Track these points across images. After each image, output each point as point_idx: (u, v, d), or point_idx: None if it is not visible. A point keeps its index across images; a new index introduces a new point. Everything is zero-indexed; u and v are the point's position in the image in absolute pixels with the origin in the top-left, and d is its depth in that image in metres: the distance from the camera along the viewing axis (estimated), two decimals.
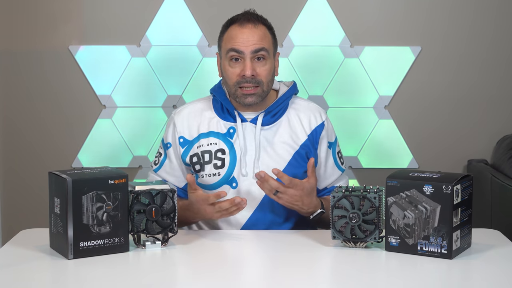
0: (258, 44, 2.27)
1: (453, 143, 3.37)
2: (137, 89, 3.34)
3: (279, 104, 2.35)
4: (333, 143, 2.41)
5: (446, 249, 1.90)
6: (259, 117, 2.33)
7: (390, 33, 3.32)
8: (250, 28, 2.28)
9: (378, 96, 3.33)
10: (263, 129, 2.34)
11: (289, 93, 2.38)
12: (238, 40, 2.27)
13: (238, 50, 2.26)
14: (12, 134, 3.37)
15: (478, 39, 3.32)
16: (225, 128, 2.34)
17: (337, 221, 1.99)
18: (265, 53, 2.28)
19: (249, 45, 2.26)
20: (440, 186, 1.90)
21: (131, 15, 3.31)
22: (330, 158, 2.40)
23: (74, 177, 1.90)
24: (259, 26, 2.30)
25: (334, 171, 2.41)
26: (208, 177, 2.33)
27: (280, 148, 2.33)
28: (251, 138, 2.32)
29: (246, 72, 2.25)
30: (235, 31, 2.29)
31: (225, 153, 2.32)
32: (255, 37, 2.27)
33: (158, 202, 1.98)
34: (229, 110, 2.34)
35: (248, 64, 2.26)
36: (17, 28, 3.31)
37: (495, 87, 3.34)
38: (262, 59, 2.28)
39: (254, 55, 2.27)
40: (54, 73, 3.33)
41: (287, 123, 2.35)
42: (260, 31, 2.29)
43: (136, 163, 3.36)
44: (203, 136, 2.35)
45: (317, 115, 2.38)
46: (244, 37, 2.27)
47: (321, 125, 2.37)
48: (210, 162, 2.32)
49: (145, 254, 1.97)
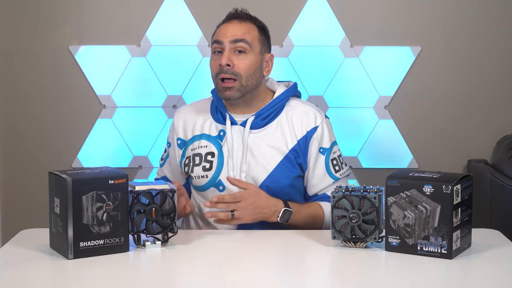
0: (239, 36, 2.28)
1: (453, 143, 3.37)
2: (137, 89, 3.34)
3: (270, 107, 2.33)
4: (327, 149, 2.34)
5: (446, 249, 1.90)
6: (248, 120, 2.32)
7: (390, 33, 3.32)
8: (235, 23, 2.31)
9: (378, 96, 3.33)
10: (252, 133, 2.32)
11: (283, 95, 2.35)
12: (220, 32, 2.31)
13: (218, 41, 2.29)
14: (12, 134, 3.37)
15: (478, 39, 3.32)
16: (216, 130, 2.35)
17: (337, 221, 1.99)
18: (245, 46, 2.28)
19: (228, 36, 2.28)
20: (440, 186, 1.90)
21: (131, 15, 3.31)
22: (320, 164, 2.33)
23: (74, 177, 1.90)
24: (245, 22, 2.32)
25: (324, 178, 2.34)
26: (197, 179, 2.36)
27: (267, 152, 2.31)
28: (239, 141, 2.32)
29: (221, 61, 2.27)
30: (221, 27, 2.33)
31: (214, 156, 2.33)
32: (237, 30, 2.29)
33: (158, 202, 1.98)
34: (222, 112, 2.35)
35: (225, 54, 2.27)
36: (16, 28, 3.31)
37: (495, 87, 3.34)
38: (243, 52, 2.28)
39: (234, 46, 2.28)
40: (54, 73, 3.33)
41: (279, 126, 2.32)
42: (244, 27, 2.30)
43: (136, 163, 3.36)
44: (196, 138, 2.37)
45: (311, 119, 2.33)
46: (228, 29, 2.30)
47: (313, 129, 2.32)
48: (199, 164, 2.35)
49: (145, 254, 1.97)
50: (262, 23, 2.37)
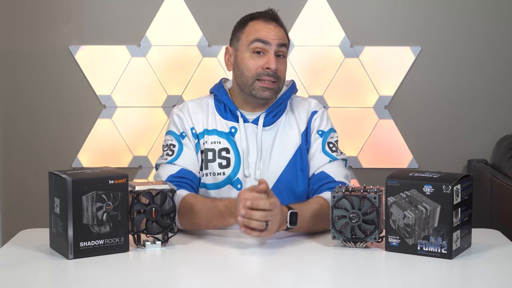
0: (282, 40, 2.30)
1: (453, 143, 3.37)
2: (137, 89, 3.34)
3: (279, 104, 2.35)
4: (325, 132, 2.35)
5: (446, 249, 1.90)
6: (260, 118, 2.32)
7: (390, 33, 3.32)
8: (275, 25, 2.31)
9: (378, 96, 3.33)
10: (264, 130, 2.33)
11: (289, 92, 2.38)
12: (264, 32, 2.29)
13: (265, 41, 2.27)
14: (12, 134, 3.37)
15: (478, 39, 3.32)
16: (227, 127, 2.33)
17: (337, 221, 1.99)
18: (285, 51, 2.32)
19: (275, 38, 2.28)
20: (440, 186, 1.90)
21: (131, 15, 3.31)
22: (316, 144, 2.33)
23: (74, 177, 1.90)
24: (280, 27, 2.33)
25: (320, 156, 2.32)
26: (212, 176, 2.30)
27: (280, 148, 2.32)
28: (253, 139, 2.32)
29: (271, 65, 2.26)
30: (260, 25, 2.31)
31: (229, 152, 2.31)
32: (280, 33, 2.30)
33: (158, 202, 1.98)
34: (232, 109, 2.33)
35: (273, 58, 2.27)
36: (17, 28, 3.31)
37: (495, 87, 3.34)
38: (283, 56, 2.31)
39: (278, 50, 2.29)
40: (54, 73, 3.33)
41: (287, 122, 2.35)
42: (281, 31, 2.32)
43: (136, 163, 3.36)
44: (207, 132, 2.33)
45: (313, 105, 2.39)
46: (270, 30, 2.29)
47: (313, 112, 2.37)
48: (214, 160, 2.30)
49: (145, 254, 1.97)
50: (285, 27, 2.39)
